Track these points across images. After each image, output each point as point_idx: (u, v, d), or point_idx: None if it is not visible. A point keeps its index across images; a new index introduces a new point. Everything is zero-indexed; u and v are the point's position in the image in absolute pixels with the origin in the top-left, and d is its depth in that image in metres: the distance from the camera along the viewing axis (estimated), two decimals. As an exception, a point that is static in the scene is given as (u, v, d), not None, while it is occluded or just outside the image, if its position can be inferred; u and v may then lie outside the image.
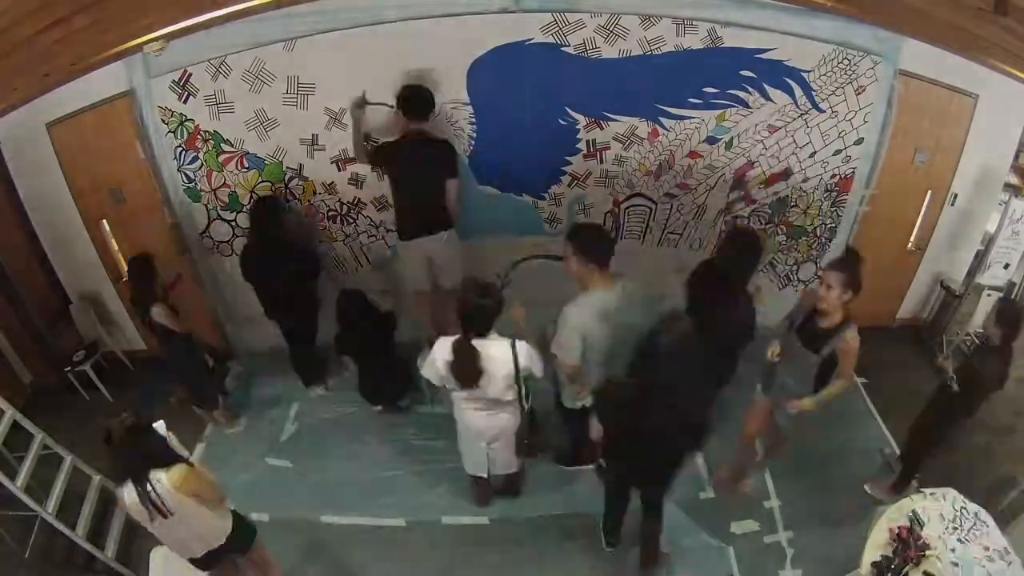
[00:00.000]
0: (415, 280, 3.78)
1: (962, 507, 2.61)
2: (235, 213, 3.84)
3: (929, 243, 4.36)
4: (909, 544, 2.50)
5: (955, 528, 2.54)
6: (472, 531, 3.36)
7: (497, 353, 2.66)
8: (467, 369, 2.63)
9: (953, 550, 2.46)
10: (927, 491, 2.76)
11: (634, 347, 2.44)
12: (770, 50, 3.49)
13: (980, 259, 4.29)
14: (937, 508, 2.62)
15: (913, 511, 2.61)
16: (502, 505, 3.46)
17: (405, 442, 3.82)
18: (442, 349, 2.69)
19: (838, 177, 3.99)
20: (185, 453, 2.52)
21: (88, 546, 3.07)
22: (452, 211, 3.60)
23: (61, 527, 3.00)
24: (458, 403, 2.90)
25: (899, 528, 2.56)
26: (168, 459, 2.32)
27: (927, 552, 2.47)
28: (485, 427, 2.92)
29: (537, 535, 3.31)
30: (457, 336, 2.66)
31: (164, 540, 2.47)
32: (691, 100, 3.64)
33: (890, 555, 2.51)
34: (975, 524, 2.56)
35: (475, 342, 2.63)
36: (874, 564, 2.51)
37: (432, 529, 3.36)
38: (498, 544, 3.27)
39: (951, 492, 2.68)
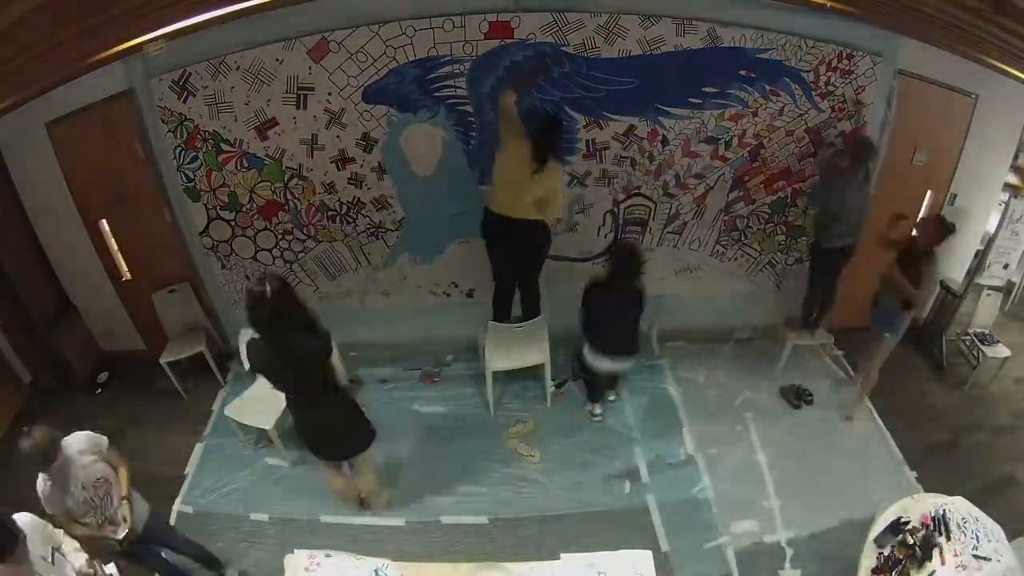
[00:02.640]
0: None
1: (975, 517, 2.58)
2: (234, 213, 3.84)
3: (929, 243, 4.35)
4: (914, 543, 2.49)
5: (962, 534, 2.51)
6: (472, 531, 3.36)
7: None
8: None
9: (957, 556, 2.44)
10: (934, 495, 2.74)
11: None
12: (770, 50, 3.49)
13: (980, 259, 4.29)
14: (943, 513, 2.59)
15: (923, 512, 2.59)
16: (502, 506, 3.46)
17: (404, 442, 3.82)
18: None
19: (838, 177, 4.00)
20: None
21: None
22: None
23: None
24: None
25: (907, 525, 2.54)
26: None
27: (932, 554, 2.45)
28: None
29: (536, 534, 3.31)
30: None
31: None
32: (691, 100, 3.64)
33: (890, 555, 2.50)
34: (983, 535, 2.52)
35: None
36: (878, 556, 2.50)
37: (432, 529, 3.37)
38: (498, 543, 3.27)
39: (959, 499, 2.65)
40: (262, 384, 3.64)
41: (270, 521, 3.39)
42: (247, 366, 2.78)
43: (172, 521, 3.39)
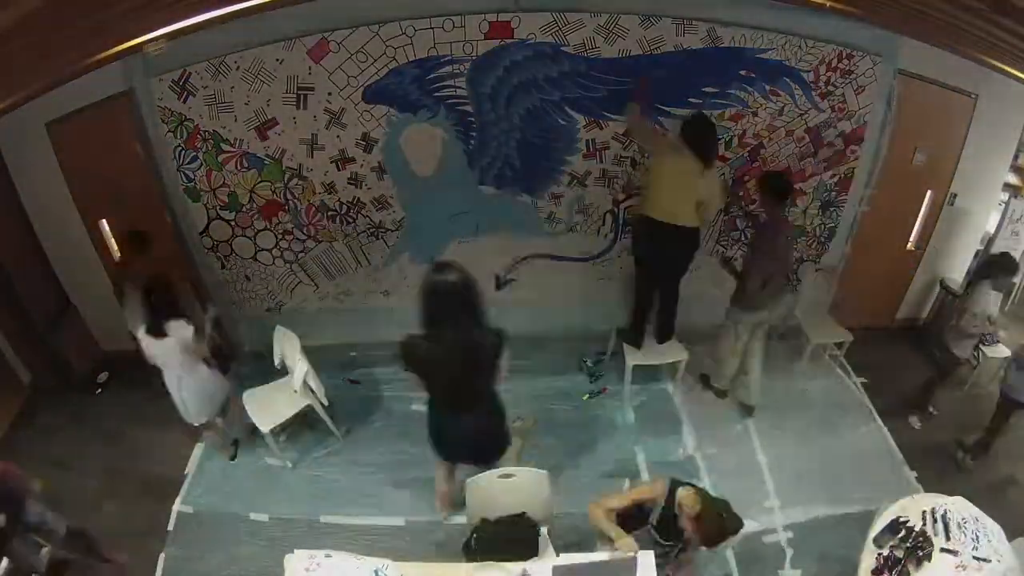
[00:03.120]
0: None
1: (975, 517, 2.57)
2: (234, 213, 3.84)
3: (929, 243, 4.36)
4: (914, 543, 2.48)
5: (962, 535, 2.51)
6: (472, 531, 3.36)
7: None
8: None
9: (957, 556, 2.44)
10: (934, 495, 2.74)
11: None
12: (770, 50, 3.49)
13: (980, 259, 4.29)
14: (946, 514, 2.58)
15: (923, 512, 2.59)
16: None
17: (405, 442, 3.82)
18: None
19: (837, 177, 4.00)
20: None
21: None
22: None
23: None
24: None
25: (907, 525, 2.54)
26: None
27: (931, 554, 2.45)
28: None
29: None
30: None
31: None
32: (691, 100, 3.64)
33: (890, 555, 2.49)
34: (983, 535, 2.51)
35: None
36: (877, 556, 2.49)
37: (432, 529, 3.37)
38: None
39: (959, 500, 2.65)
40: (279, 385, 3.65)
41: (270, 521, 3.39)
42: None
43: (172, 522, 3.39)
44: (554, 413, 4.00)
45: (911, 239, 4.37)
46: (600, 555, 2.55)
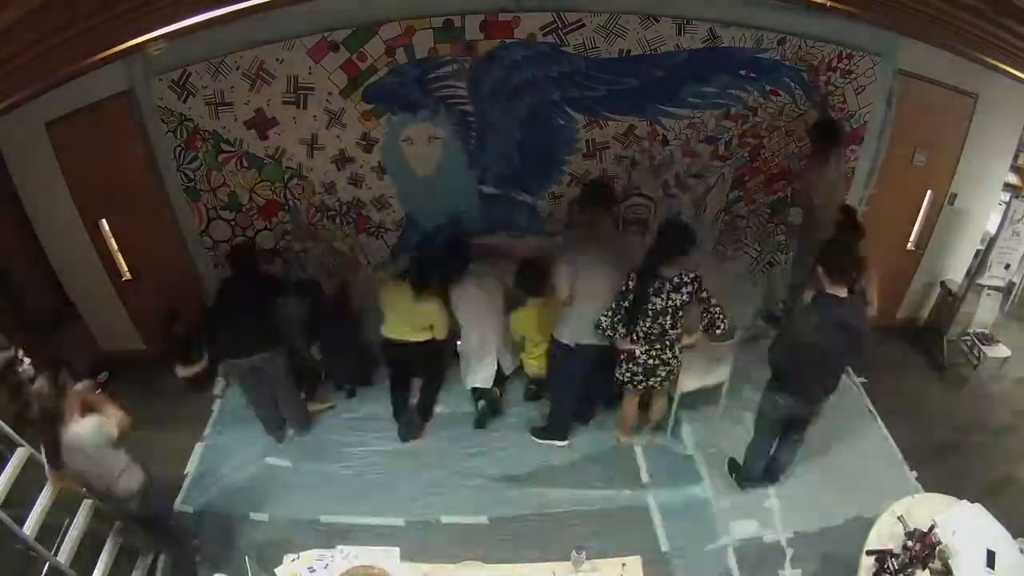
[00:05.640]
0: None
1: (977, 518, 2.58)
2: (234, 213, 3.85)
3: (929, 243, 4.36)
4: (917, 544, 2.48)
5: (965, 536, 2.50)
6: (472, 531, 3.36)
7: None
8: None
9: (959, 555, 2.44)
10: (934, 495, 2.74)
11: None
12: (770, 50, 3.49)
13: (980, 259, 4.29)
14: (949, 515, 2.58)
15: (926, 513, 2.59)
16: (502, 505, 3.47)
17: (405, 443, 3.82)
18: None
19: (838, 177, 4.00)
20: None
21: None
22: None
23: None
24: None
25: (911, 528, 2.54)
26: None
27: (935, 555, 2.45)
28: None
29: (536, 534, 3.31)
30: None
31: None
32: (691, 100, 3.64)
33: (893, 553, 2.49)
34: (985, 537, 2.51)
35: None
36: (877, 559, 2.50)
37: (432, 529, 3.37)
38: (498, 543, 3.27)
39: (964, 502, 2.65)
40: None
41: (270, 521, 3.39)
42: None
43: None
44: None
45: (911, 239, 4.36)
46: None
